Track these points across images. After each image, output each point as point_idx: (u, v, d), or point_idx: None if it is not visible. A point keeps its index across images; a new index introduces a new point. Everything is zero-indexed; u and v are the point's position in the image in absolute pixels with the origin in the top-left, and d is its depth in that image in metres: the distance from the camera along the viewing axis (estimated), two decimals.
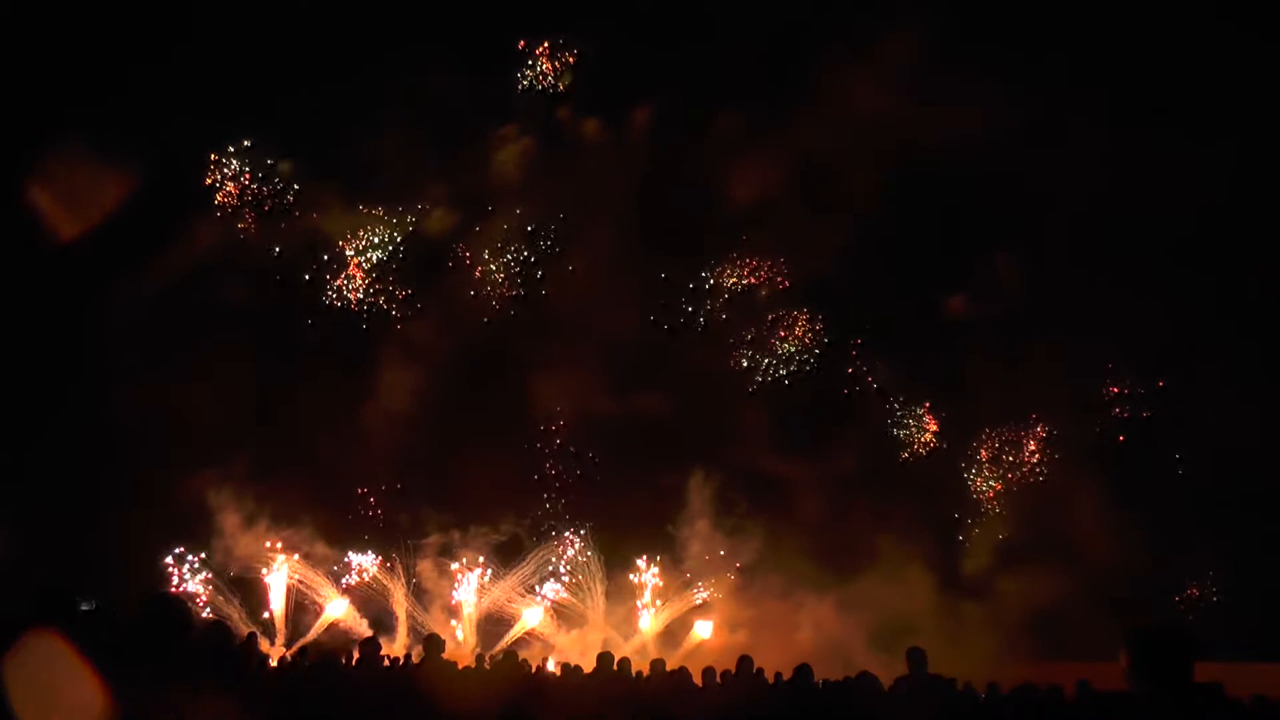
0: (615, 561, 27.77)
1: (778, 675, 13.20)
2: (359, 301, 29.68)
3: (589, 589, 27.63)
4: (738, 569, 27.35)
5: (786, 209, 28.18)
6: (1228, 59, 24.78)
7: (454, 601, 27.42)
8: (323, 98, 28.69)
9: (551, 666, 20.07)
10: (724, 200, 28.68)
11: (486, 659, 16.25)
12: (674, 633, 27.28)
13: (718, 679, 12.11)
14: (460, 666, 13.28)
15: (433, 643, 9.72)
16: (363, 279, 29.64)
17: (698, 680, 12.29)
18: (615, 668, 11.40)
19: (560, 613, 27.70)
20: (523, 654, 19.11)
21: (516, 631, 27.14)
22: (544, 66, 30.73)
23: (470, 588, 27.34)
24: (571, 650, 25.26)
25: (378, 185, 29.60)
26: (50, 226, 25.77)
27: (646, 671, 12.40)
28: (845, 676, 11.69)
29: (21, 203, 25.67)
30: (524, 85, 30.86)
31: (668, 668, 12.29)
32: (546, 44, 30.67)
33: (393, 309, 29.67)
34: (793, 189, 27.72)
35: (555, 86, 30.74)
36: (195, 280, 27.98)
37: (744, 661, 11.59)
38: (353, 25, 28.46)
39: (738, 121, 28.87)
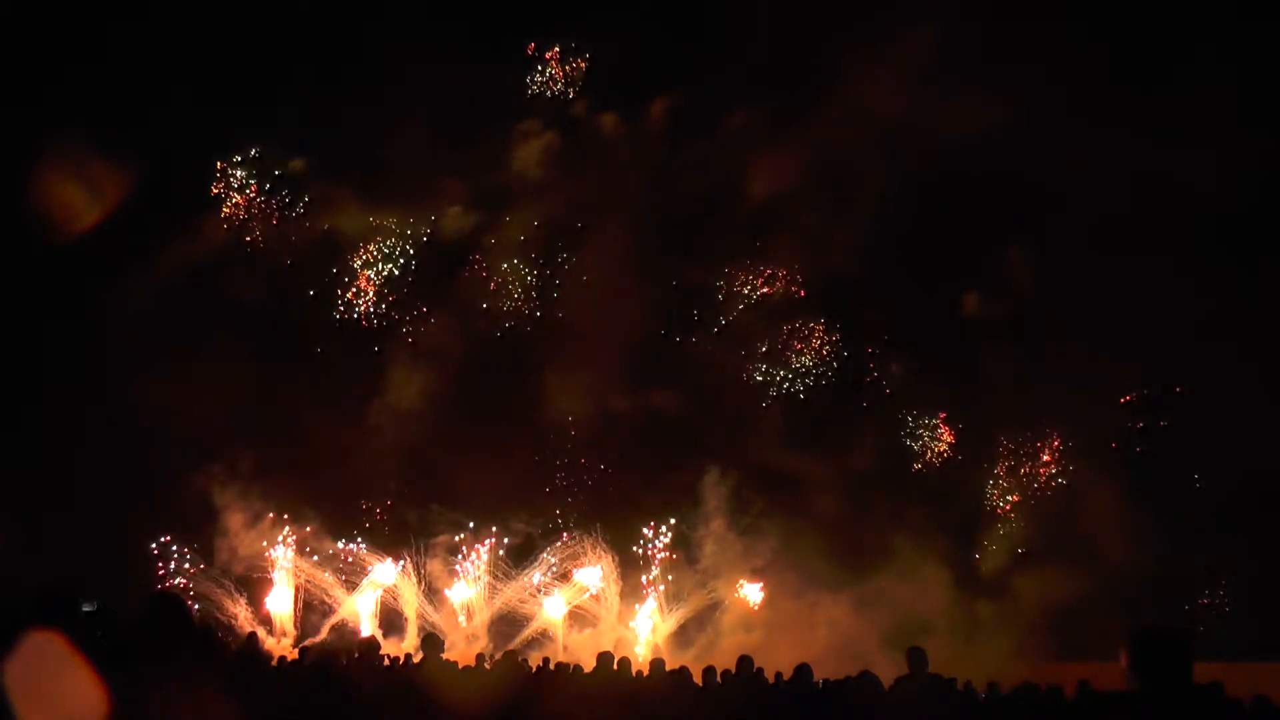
0: (628, 562, 27.80)
1: (778, 675, 13.19)
2: (368, 314, 29.46)
3: (602, 590, 27.64)
4: (753, 570, 27.32)
5: (800, 210, 28.05)
6: (1249, 55, 24.70)
7: (458, 575, 27.32)
8: (333, 98, 28.57)
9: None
10: (737, 202, 28.59)
11: (487, 659, 16.23)
12: (689, 630, 27.26)
13: (718, 679, 12.11)
14: (460, 666, 13.29)
15: (431, 643, 9.72)
16: (374, 294, 29.34)
17: (698, 680, 12.29)
18: (615, 667, 11.40)
19: (573, 614, 27.72)
20: (534, 654, 19.20)
21: (574, 597, 27.17)
22: (554, 72, 30.53)
23: (480, 560, 27.36)
24: (584, 651, 25.27)
25: (389, 188, 29.39)
26: (52, 226, 25.75)
27: (647, 670, 12.40)
28: (845, 676, 11.68)
29: (22, 203, 25.66)
30: (533, 91, 30.62)
31: (689, 656, 12.29)
32: (557, 48, 30.46)
33: (405, 327, 29.39)
34: (806, 189, 27.64)
35: (565, 94, 30.48)
36: (202, 282, 27.94)
37: (744, 661, 11.58)
38: (363, 25, 28.41)
39: (750, 121, 28.78)
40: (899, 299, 28.58)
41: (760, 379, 29.47)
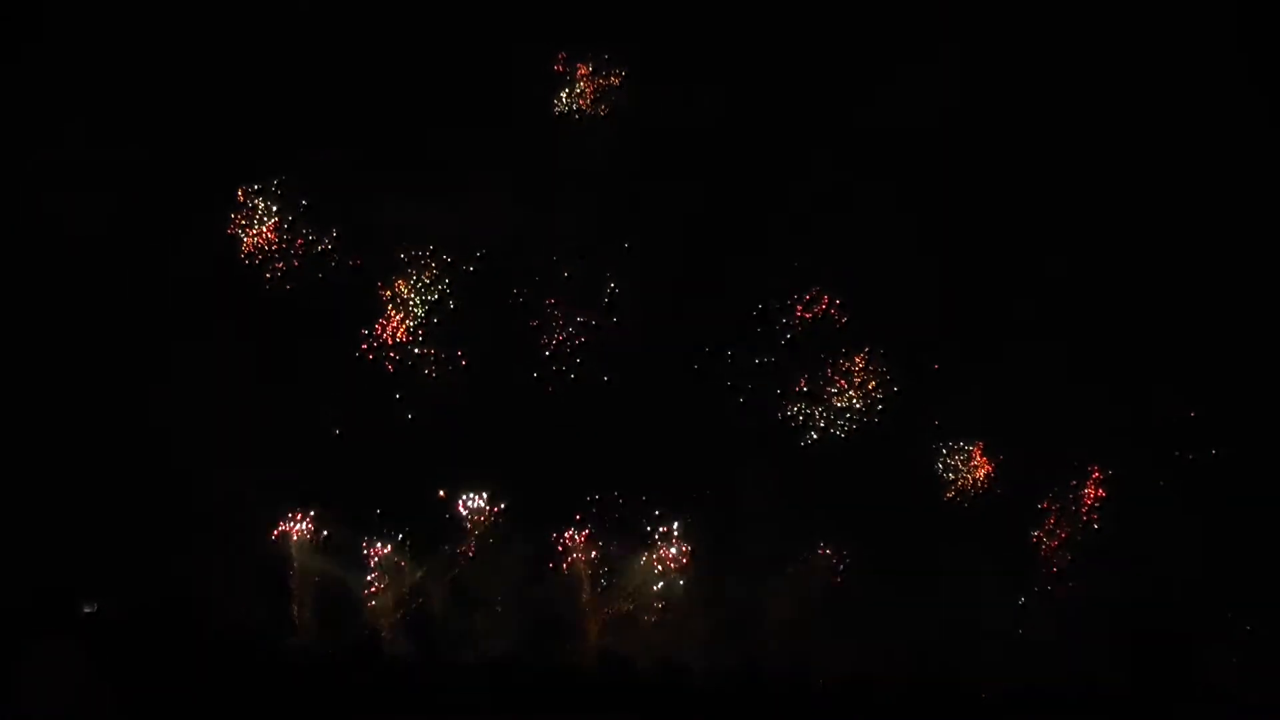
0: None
1: (779, 675, 13.23)
2: (394, 355, 28.92)
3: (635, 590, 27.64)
4: (788, 571, 27.12)
5: (840, 210, 27.76)
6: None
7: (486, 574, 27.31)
8: (366, 98, 28.34)
9: None
10: (776, 206, 28.33)
11: (486, 661, 16.27)
12: (722, 628, 27.09)
13: (718, 679, 12.12)
14: (459, 666, 13.30)
15: (428, 644, 9.71)
16: (405, 335, 28.77)
17: (698, 680, 12.31)
18: (614, 668, 11.43)
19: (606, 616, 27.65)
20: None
21: (634, 574, 27.13)
22: (585, 89, 29.82)
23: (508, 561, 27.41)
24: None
25: (427, 188, 28.90)
26: (56, 222, 25.81)
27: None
28: (844, 675, 11.71)
29: (26, 199, 25.73)
30: (561, 109, 29.88)
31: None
32: (591, 63, 29.75)
33: (428, 368, 28.87)
34: (838, 197, 27.38)
35: (596, 112, 29.73)
36: (216, 284, 27.78)
37: (744, 662, 11.61)
38: (378, 29, 28.39)
39: (787, 120, 28.52)
40: (941, 331, 27.95)
41: (801, 418, 28.84)
